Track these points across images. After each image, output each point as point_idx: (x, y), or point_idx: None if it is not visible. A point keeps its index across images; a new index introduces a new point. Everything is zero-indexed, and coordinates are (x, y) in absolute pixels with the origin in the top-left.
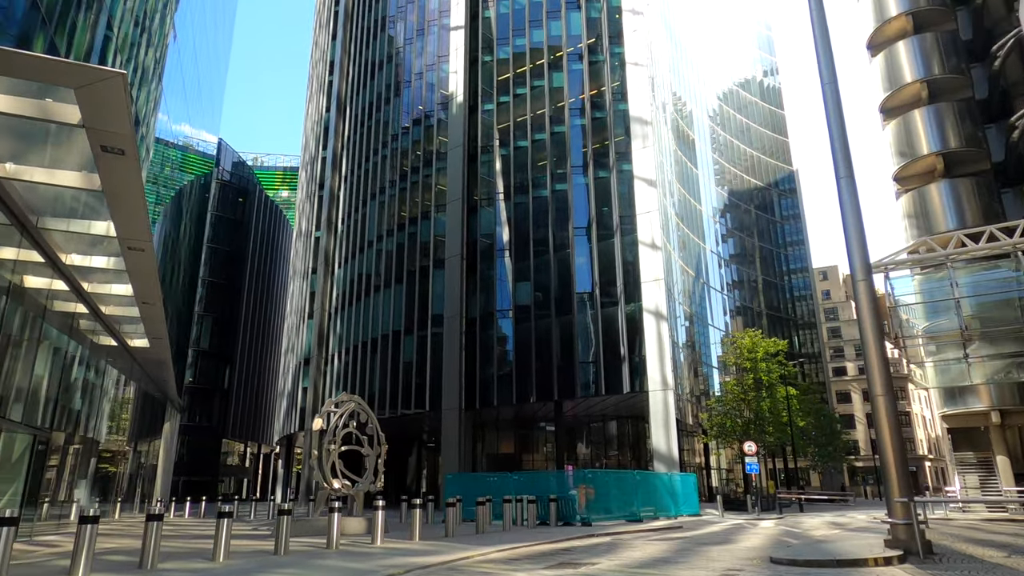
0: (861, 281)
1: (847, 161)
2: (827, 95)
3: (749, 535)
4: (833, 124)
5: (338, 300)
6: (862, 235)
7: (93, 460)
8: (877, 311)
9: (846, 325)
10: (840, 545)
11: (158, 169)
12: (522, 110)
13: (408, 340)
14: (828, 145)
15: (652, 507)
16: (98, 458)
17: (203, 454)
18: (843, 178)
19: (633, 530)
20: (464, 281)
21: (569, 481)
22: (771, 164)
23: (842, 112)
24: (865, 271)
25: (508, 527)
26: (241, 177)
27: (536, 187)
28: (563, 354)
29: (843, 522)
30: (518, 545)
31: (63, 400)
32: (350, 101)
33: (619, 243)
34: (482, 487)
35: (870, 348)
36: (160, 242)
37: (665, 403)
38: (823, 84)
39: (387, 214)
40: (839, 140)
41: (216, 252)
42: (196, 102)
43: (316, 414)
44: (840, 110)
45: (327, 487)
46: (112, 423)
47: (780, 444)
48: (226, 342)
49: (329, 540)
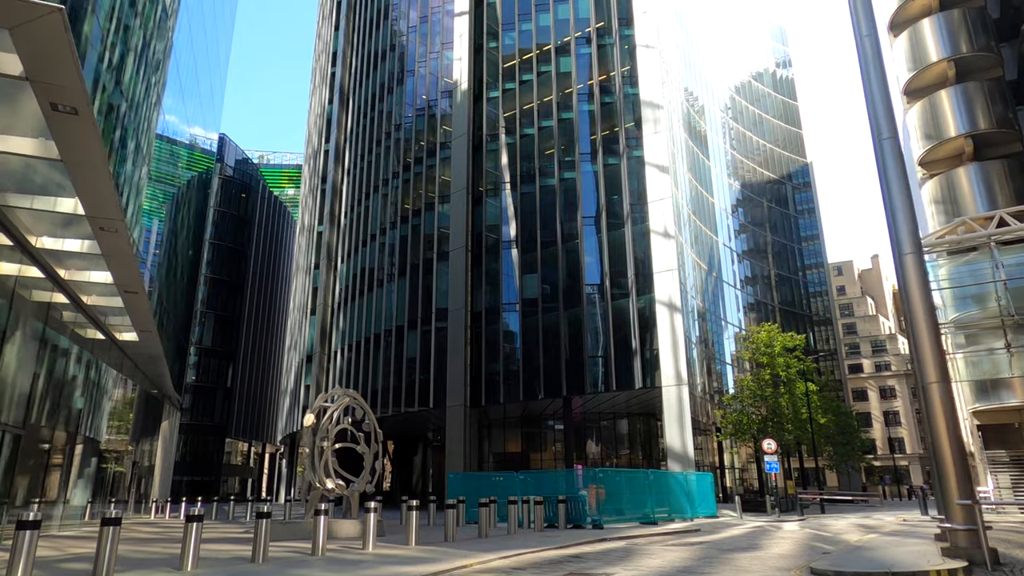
0: (909, 255)
1: (890, 118)
2: (865, 48)
3: (776, 540)
4: (872, 76)
5: (341, 295)
6: (909, 203)
7: (80, 459)
8: (927, 289)
9: (862, 321)
10: (887, 553)
11: (154, 164)
12: (528, 97)
13: (412, 335)
14: (864, 105)
15: (666, 508)
16: (87, 457)
17: (206, 454)
18: (886, 139)
19: (648, 533)
20: (469, 274)
21: (579, 481)
22: (785, 156)
23: (882, 60)
24: (914, 244)
25: (514, 530)
26: (245, 173)
27: (543, 176)
28: (572, 349)
29: (873, 524)
30: (523, 551)
31: (44, 396)
32: (353, 92)
33: (630, 232)
34: (487, 487)
35: (921, 331)
36: (158, 238)
37: (679, 399)
38: (858, 37)
39: (390, 207)
40: (879, 92)
41: (219, 248)
42: (194, 96)
43: (308, 409)
44: (880, 60)
45: (320, 487)
46: (102, 420)
47: (796, 442)
48: (229, 340)
49: (314, 545)
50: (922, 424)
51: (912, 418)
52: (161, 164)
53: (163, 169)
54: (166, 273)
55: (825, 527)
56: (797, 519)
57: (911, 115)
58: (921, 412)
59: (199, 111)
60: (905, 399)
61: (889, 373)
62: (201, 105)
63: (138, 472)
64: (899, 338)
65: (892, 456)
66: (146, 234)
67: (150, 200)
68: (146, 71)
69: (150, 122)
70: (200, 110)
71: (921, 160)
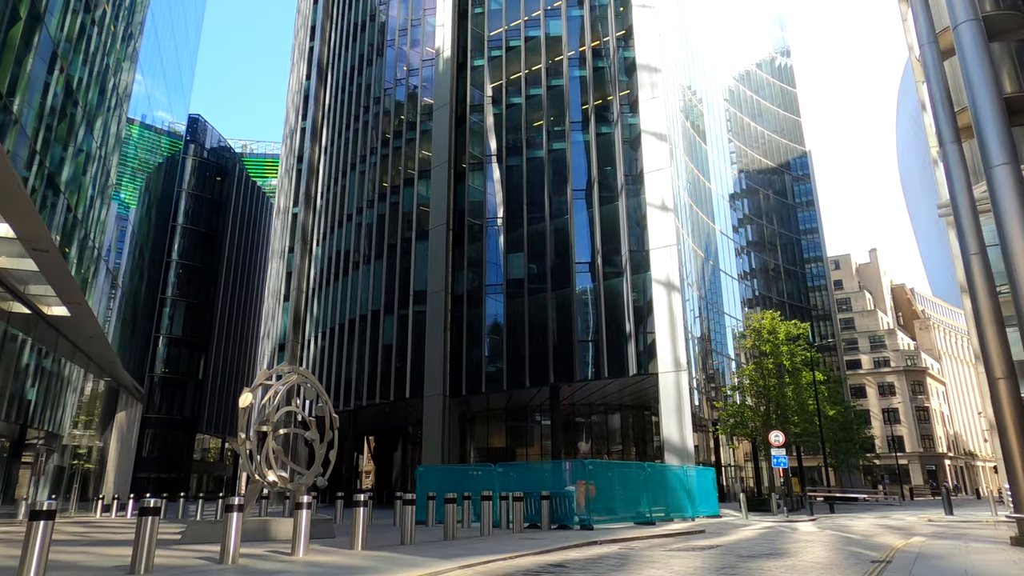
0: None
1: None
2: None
3: (800, 544)
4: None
5: (315, 280)
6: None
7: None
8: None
9: (860, 316)
10: (968, 562)
11: (108, 138)
12: (516, 65)
13: (388, 320)
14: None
15: (663, 506)
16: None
17: (174, 449)
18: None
19: (645, 535)
20: (450, 254)
21: (566, 476)
22: (784, 144)
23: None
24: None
25: (488, 531)
26: (221, 156)
27: (531, 147)
28: (560, 333)
29: (899, 525)
30: (492, 558)
31: None
32: (331, 67)
33: (624, 206)
34: (463, 482)
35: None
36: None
37: (678, 386)
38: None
39: (367, 185)
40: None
41: (191, 233)
42: (156, 70)
43: (245, 387)
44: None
45: (259, 480)
46: (34, 407)
47: (796, 438)
48: (201, 329)
49: (223, 551)
50: (922, 422)
51: (912, 416)
52: (116, 139)
53: (123, 148)
54: (128, 257)
55: (846, 528)
56: (808, 519)
57: None
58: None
59: (161, 86)
60: (905, 396)
61: (888, 369)
62: (166, 81)
63: (79, 466)
64: (898, 334)
65: (894, 455)
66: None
67: (105, 179)
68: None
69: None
70: (164, 86)
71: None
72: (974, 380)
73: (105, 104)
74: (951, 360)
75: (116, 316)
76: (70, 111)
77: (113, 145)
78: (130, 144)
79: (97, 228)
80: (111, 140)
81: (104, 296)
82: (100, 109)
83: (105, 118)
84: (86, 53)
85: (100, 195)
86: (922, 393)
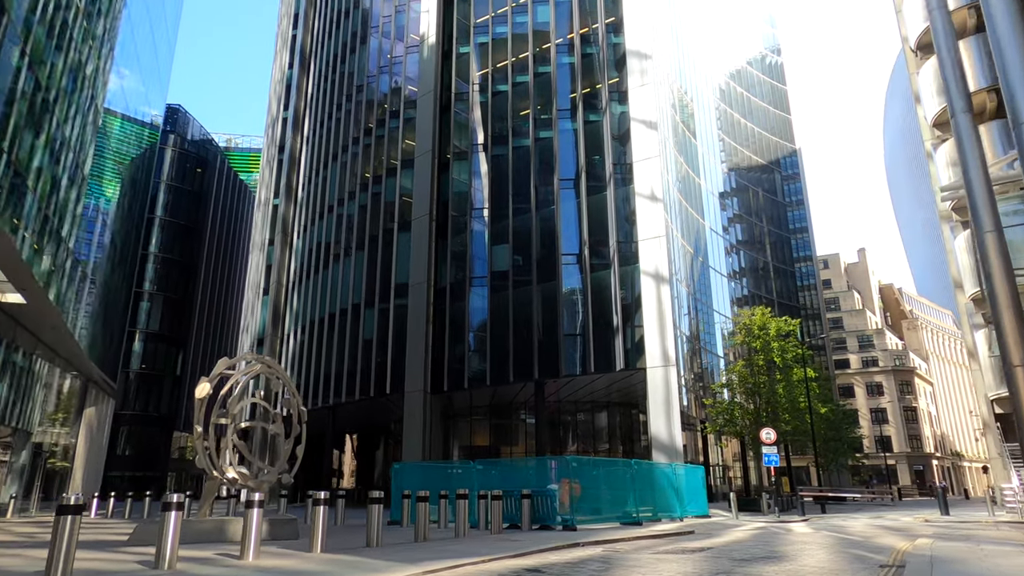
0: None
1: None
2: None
3: (797, 546)
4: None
5: (296, 273)
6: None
7: None
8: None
9: (848, 316)
10: (993, 566)
11: (72, 121)
12: (502, 52)
13: (369, 314)
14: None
15: (650, 506)
16: None
17: (151, 447)
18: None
19: (631, 536)
20: (433, 246)
21: (551, 473)
22: (774, 142)
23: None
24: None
25: (463, 532)
26: (202, 148)
27: (517, 136)
28: (545, 327)
29: (897, 526)
30: (463, 562)
31: None
32: (314, 55)
33: (612, 196)
34: (441, 480)
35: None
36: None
37: (666, 381)
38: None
39: (349, 175)
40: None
41: (170, 226)
42: (131, 58)
43: (202, 376)
44: None
45: (216, 477)
46: None
47: (785, 437)
48: (180, 324)
49: (159, 556)
50: (910, 422)
51: (900, 416)
52: (79, 125)
53: (87, 133)
54: (92, 244)
55: (842, 529)
56: (800, 519)
57: (925, 70)
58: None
59: (135, 71)
60: (893, 396)
61: (876, 369)
62: (140, 66)
63: (45, 463)
64: (886, 333)
65: (883, 455)
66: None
67: (76, 169)
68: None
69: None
70: (138, 71)
71: (936, 120)
72: (963, 380)
73: (69, 86)
74: (938, 360)
75: (83, 307)
76: (27, 91)
77: (79, 129)
78: (101, 130)
79: (59, 214)
80: (76, 123)
81: (68, 285)
82: (63, 91)
83: (69, 100)
84: (48, 28)
85: (64, 181)
86: (910, 393)
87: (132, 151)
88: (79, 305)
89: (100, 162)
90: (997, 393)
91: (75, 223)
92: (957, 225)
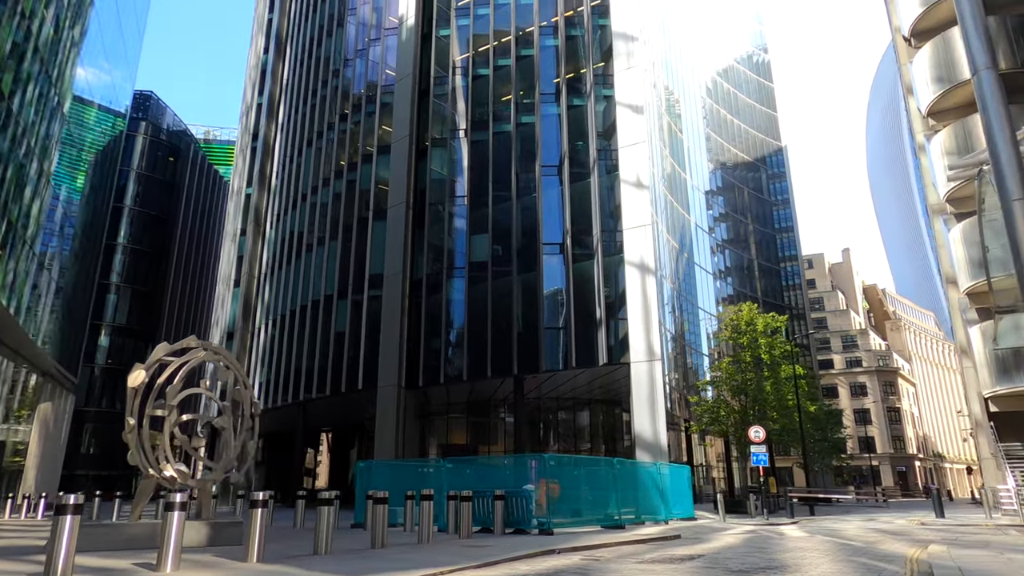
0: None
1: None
2: None
3: (794, 553)
4: None
5: (268, 264)
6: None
7: None
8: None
9: (832, 316)
10: None
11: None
12: (484, 35)
13: (342, 306)
14: None
15: (633, 508)
16: None
17: (117, 445)
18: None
19: (613, 541)
20: (410, 235)
21: (531, 473)
22: (760, 139)
23: None
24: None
25: (428, 537)
26: (175, 136)
27: (498, 121)
28: (526, 320)
29: (894, 529)
30: (419, 574)
31: None
32: (290, 39)
33: (596, 183)
34: (411, 479)
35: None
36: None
37: (651, 376)
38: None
39: (324, 162)
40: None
41: (140, 216)
42: (95, 40)
43: (137, 364)
44: None
45: (153, 475)
46: None
47: (772, 435)
48: (149, 318)
49: (50, 567)
50: (893, 423)
51: (883, 417)
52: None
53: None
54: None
55: (838, 533)
56: (790, 522)
57: (919, 58)
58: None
59: (100, 56)
60: (876, 397)
61: (860, 369)
62: (105, 52)
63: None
64: (870, 334)
65: (867, 456)
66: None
67: (25, 153)
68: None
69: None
70: (103, 56)
71: (931, 109)
72: (944, 382)
73: (28, 68)
74: (920, 361)
75: (34, 295)
76: None
77: (29, 109)
78: (56, 112)
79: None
80: (24, 102)
81: (14, 271)
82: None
83: (14, 75)
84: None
85: (8, 164)
86: (893, 394)
87: (94, 135)
88: (25, 290)
89: (53, 143)
90: (993, 390)
91: (17, 205)
92: (951, 218)
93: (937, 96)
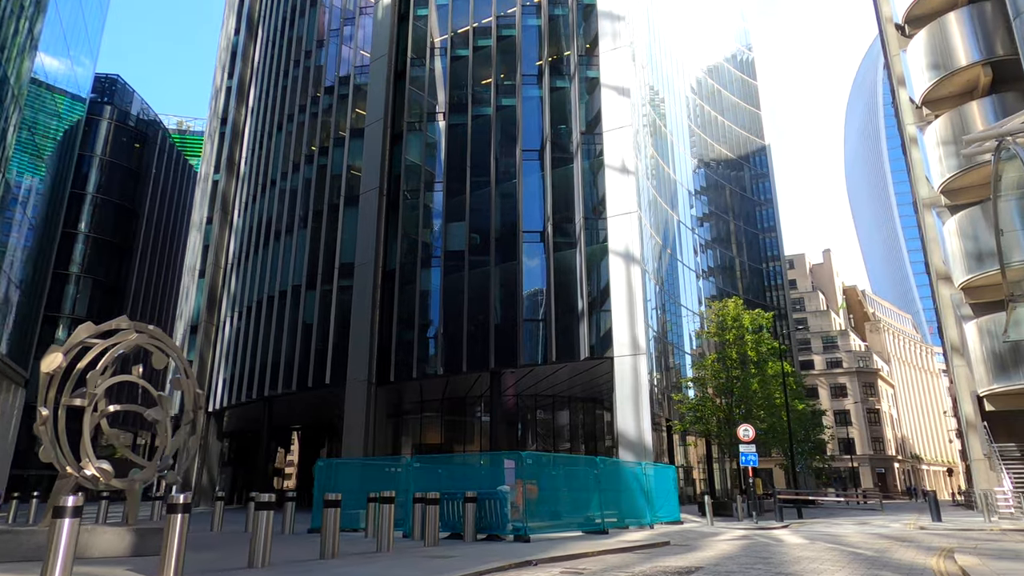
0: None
1: None
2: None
3: (801, 564)
4: None
5: (235, 254)
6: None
7: None
8: None
9: (813, 317)
10: None
11: None
12: (464, 14)
13: (311, 296)
14: None
15: (616, 510)
16: None
17: (74, 444)
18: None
19: (596, 550)
20: (382, 223)
21: (508, 473)
22: (744, 137)
23: None
24: None
25: (388, 546)
26: (142, 122)
27: (477, 104)
28: (504, 312)
29: (894, 534)
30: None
31: None
32: (262, 19)
33: (579, 168)
34: (377, 480)
35: None
36: None
37: (635, 371)
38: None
39: (295, 146)
40: None
41: (102, 204)
42: (53, 19)
43: (53, 345)
44: None
45: (71, 473)
46: None
47: (759, 435)
48: (111, 310)
49: None
50: (872, 424)
51: (863, 418)
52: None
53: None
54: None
55: (837, 538)
56: (780, 525)
57: (914, 45)
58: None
59: (56, 33)
60: (856, 397)
61: (840, 370)
62: (63, 29)
63: None
64: (850, 335)
65: (848, 457)
66: None
67: None
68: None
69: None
70: (60, 34)
71: (926, 97)
72: (922, 383)
73: None
74: (899, 363)
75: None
76: None
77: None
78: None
79: None
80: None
81: None
82: None
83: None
84: None
85: None
86: (873, 395)
87: (48, 117)
88: None
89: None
90: (990, 389)
91: None
92: (944, 211)
93: (933, 83)
